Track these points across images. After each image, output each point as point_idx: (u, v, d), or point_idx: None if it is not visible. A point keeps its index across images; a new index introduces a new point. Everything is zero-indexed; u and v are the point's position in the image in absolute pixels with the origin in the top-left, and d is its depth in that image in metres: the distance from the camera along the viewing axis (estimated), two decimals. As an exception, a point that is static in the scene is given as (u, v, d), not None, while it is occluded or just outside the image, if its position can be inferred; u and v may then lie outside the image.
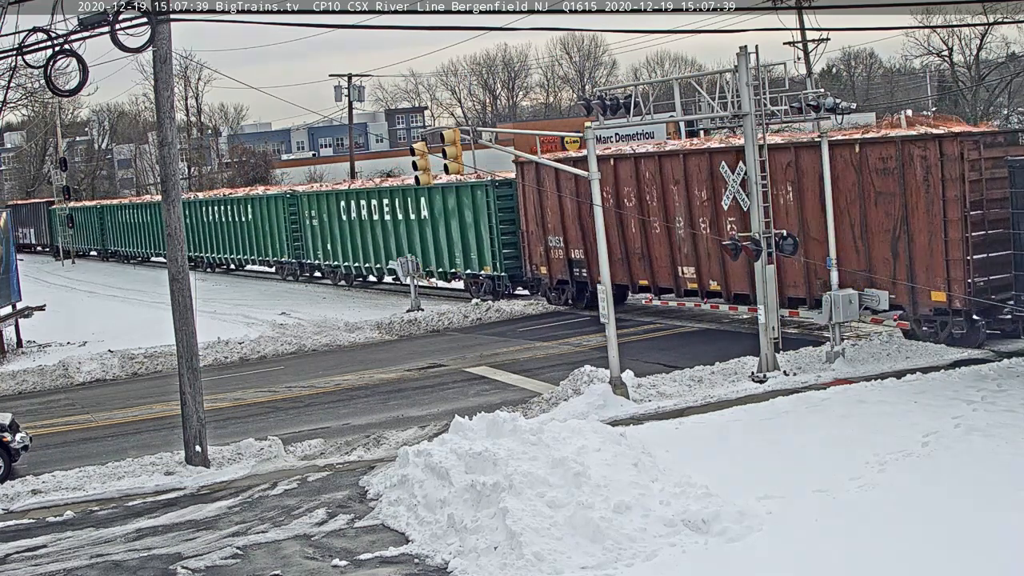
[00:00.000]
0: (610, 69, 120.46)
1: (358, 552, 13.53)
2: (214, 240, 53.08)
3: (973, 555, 11.59)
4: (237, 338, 29.93)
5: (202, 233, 53.93)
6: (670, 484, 13.68)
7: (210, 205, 53.11)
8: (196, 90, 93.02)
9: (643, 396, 19.93)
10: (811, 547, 12.15)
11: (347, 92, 63.60)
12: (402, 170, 57.67)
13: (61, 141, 76.64)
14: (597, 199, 20.48)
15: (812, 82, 23.73)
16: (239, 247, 50.78)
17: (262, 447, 18.47)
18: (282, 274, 47.59)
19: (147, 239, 62.45)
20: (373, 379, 24.64)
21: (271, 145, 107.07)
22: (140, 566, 13.74)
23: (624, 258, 28.62)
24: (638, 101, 21.71)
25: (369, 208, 39.67)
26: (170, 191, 18.26)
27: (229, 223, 51.30)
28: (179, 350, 18.23)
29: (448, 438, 15.50)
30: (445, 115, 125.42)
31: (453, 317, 31.47)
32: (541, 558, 12.22)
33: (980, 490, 13.33)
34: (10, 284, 32.99)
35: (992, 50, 70.80)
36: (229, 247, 51.79)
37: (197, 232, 53.88)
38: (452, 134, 21.93)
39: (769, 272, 21.35)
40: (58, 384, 27.31)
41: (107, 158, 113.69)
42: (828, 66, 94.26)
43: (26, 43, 17.21)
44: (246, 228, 49.64)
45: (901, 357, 21.34)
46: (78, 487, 17.46)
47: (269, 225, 47.50)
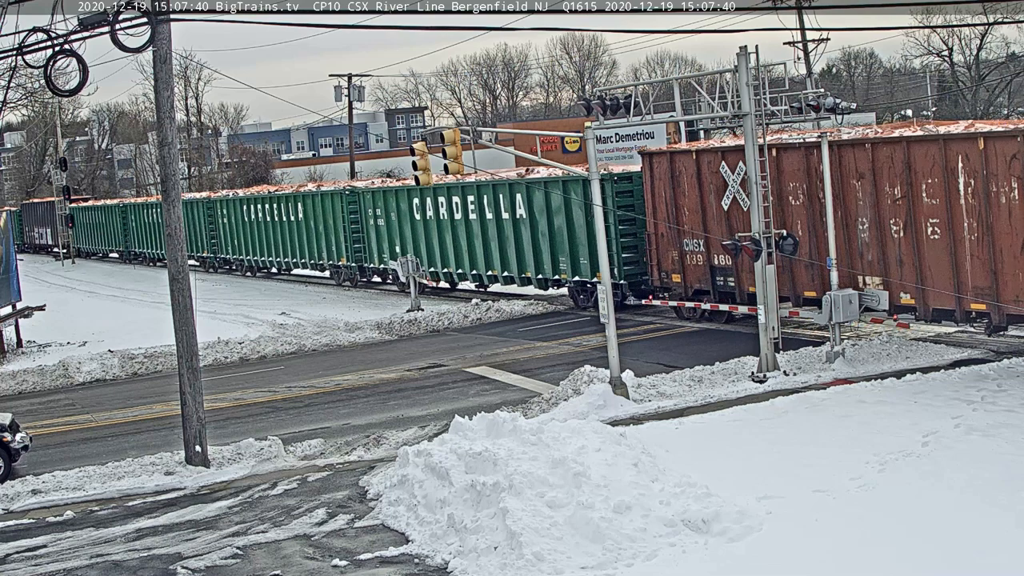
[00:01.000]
0: (610, 69, 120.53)
1: (358, 552, 13.53)
2: (257, 241, 48.59)
3: (973, 555, 11.59)
4: (237, 338, 29.94)
5: (244, 233, 49.77)
6: (670, 484, 13.69)
7: (253, 203, 48.68)
8: (196, 90, 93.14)
9: (643, 396, 19.94)
10: (811, 547, 12.15)
11: (347, 92, 63.63)
12: (402, 170, 57.63)
13: (61, 141, 76.61)
14: (597, 199, 20.48)
15: (812, 82, 23.73)
16: (286, 249, 46.06)
17: (262, 447, 18.47)
18: (338, 279, 42.91)
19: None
20: (373, 379, 24.64)
21: (271, 145, 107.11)
22: (140, 566, 13.74)
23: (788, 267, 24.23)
24: (638, 101, 21.73)
25: (450, 206, 35.08)
26: (170, 191, 18.26)
27: (275, 223, 46.65)
28: (179, 350, 18.24)
29: (448, 438, 15.50)
30: (445, 115, 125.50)
31: (453, 317, 31.47)
32: (541, 558, 12.22)
33: (980, 490, 13.32)
34: (10, 284, 33.00)
35: (992, 50, 70.97)
36: (274, 249, 47.07)
37: (237, 233, 50.32)
38: (452, 134, 21.94)
39: (769, 272, 21.35)
40: (58, 384, 27.31)
41: (107, 158, 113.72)
42: (828, 66, 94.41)
43: (26, 43, 17.23)
44: (295, 228, 45.05)
45: (901, 357, 21.34)
46: (78, 487, 17.46)
47: (324, 225, 42.82)
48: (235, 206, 50.18)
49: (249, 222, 49.07)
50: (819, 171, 22.57)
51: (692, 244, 26.91)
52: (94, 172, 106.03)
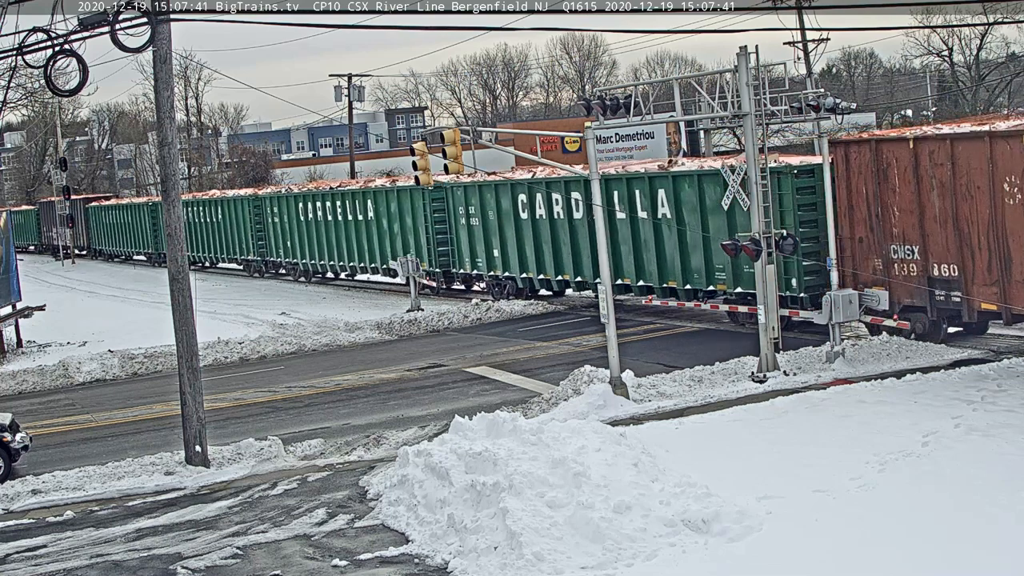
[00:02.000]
0: (610, 69, 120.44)
1: (358, 552, 13.53)
2: (315, 243, 43.95)
3: (973, 555, 11.59)
4: (237, 338, 29.94)
5: (299, 234, 45.21)
6: (670, 484, 13.69)
7: (312, 200, 44.17)
8: (196, 90, 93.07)
9: (643, 396, 19.93)
10: (811, 547, 12.15)
11: (347, 92, 63.61)
12: (402, 170, 57.47)
13: (61, 141, 76.63)
14: (597, 199, 20.48)
15: (812, 82, 23.75)
16: (351, 252, 41.45)
17: (262, 447, 18.47)
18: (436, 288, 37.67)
19: (219, 241, 53.05)
20: (373, 379, 24.64)
21: (271, 145, 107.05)
22: (140, 566, 13.74)
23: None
24: (638, 101, 21.73)
25: (568, 203, 30.43)
26: (170, 191, 18.26)
27: (337, 222, 42.16)
28: (179, 350, 18.24)
29: (448, 438, 15.50)
30: (445, 115, 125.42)
31: (453, 317, 31.47)
32: (541, 558, 12.22)
33: (980, 490, 13.32)
34: (10, 284, 33.01)
35: (992, 50, 70.94)
36: (336, 252, 42.55)
37: (290, 233, 45.84)
38: (452, 134, 21.93)
39: (769, 272, 21.34)
40: (58, 384, 27.32)
41: (107, 158, 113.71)
42: (828, 66, 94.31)
43: (26, 43, 17.23)
44: (363, 228, 40.46)
45: (901, 357, 21.33)
46: (78, 487, 17.46)
47: (399, 225, 38.19)
48: (289, 203, 45.76)
49: (307, 221, 44.38)
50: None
51: (903, 250, 22.64)
52: (94, 172, 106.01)
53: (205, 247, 54.67)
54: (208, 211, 53.76)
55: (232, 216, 51.24)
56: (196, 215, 54.33)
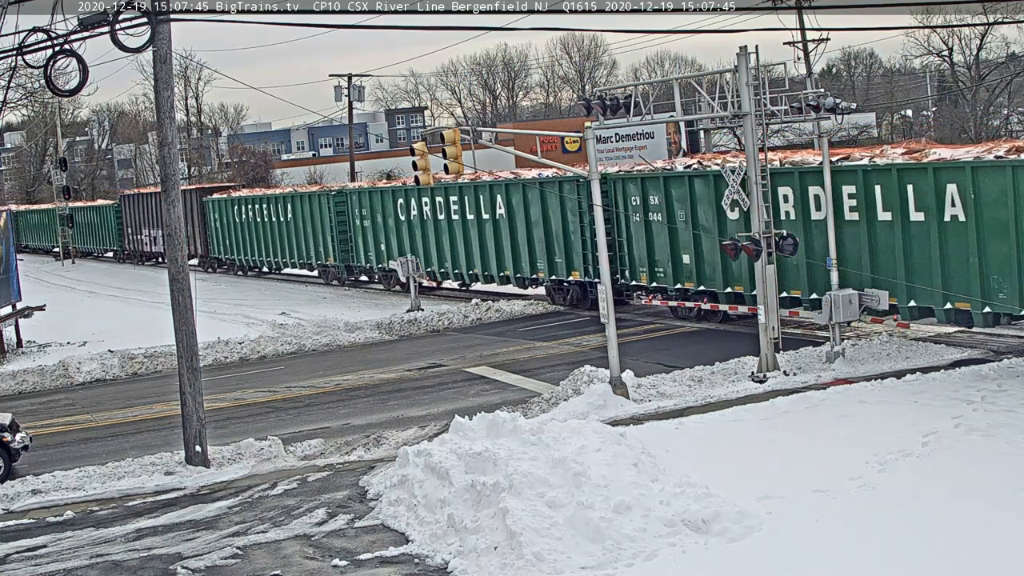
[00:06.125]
0: (610, 69, 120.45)
1: (358, 552, 13.54)
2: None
3: (973, 555, 11.59)
4: (237, 338, 29.93)
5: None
6: (670, 484, 13.69)
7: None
8: (196, 90, 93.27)
9: (643, 396, 19.94)
10: (811, 547, 12.16)
11: (347, 92, 63.59)
12: (402, 170, 57.42)
13: (61, 141, 76.63)
14: (597, 199, 20.48)
15: (812, 82, 23.72)
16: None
17: (262, 447, 18.47)
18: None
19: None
20: (373, 379, 24.64)
21: (271, 145, 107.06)
22: (140, 566, 13.75)
23: None
24: (638, 101, 21.73)
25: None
26: (170, 191, 18.27)
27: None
28: (179, 350, 18.24)
29: (448, 438, 15.50)
30: (445, 115, 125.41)
31: (453, 317, 31.46)
32: (541, 558, 12.22)
33: (980, 490, 13.33)
34: (10, 284, 32.99)
35: (992, 50, 70.89)
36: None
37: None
38: (452, 134, 21.92)
39: (769, 272, 21.35)
40: (58, 384, 27.31)
41: (107, 158, 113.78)
42: (828, 66, 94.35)
43: (26, 43, 17.24)
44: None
45: (901, 357, 21.33)
46: (78, 487, 17.46)
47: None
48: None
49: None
50: None
51: None
52: (94, 172, 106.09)
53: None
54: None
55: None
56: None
